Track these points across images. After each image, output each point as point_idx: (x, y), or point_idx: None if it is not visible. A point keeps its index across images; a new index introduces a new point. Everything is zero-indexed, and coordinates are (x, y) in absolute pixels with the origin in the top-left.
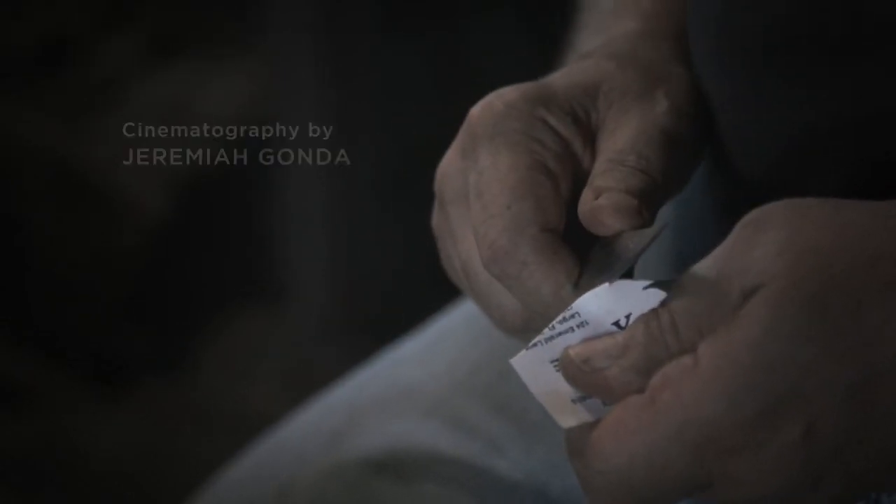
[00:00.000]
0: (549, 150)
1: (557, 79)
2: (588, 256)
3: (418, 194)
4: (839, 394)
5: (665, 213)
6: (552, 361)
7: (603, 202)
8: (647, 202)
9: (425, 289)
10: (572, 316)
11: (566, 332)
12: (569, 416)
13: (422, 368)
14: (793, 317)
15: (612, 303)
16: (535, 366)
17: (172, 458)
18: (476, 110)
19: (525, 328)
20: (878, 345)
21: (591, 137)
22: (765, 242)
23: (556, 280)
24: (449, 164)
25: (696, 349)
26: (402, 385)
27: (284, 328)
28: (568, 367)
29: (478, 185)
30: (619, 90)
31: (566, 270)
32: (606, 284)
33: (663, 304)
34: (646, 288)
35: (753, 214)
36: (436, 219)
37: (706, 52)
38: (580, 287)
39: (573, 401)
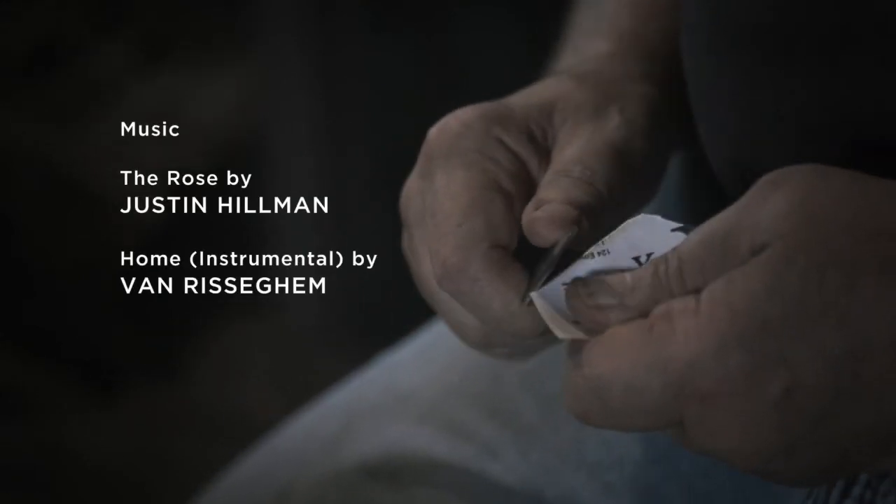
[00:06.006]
0: (504, 169)
1: (516, 99)
2: (536, 268)
3: None
4: (824, 363)
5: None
6: (563, 284)
7: (539, 214)
8: (588, 212)
9: (420, 293)
10: (596, 243)
11: (587, 256)
12: (566, 333)
13: (417, 374)
14: (791, 282)
15: (637, 238)
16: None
17: (167, 463)
18: (433, 131)
19: (486, 343)
20: (868, 319)
21: (547, 156)
22: (777, 200)
23: (505, 295)
24: (410, 186)
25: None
26: (397, 390)
27: (280, 332)
28: (573, 297)
29: (432, 205)
30: (572, 107)
31: (515, 285)
32: (640, 216)
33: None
34: (674, 230)
35: (775, 173)
36: (404, 240)
37: (699, 44)
38: (527, 300)
39: (574, 322)
